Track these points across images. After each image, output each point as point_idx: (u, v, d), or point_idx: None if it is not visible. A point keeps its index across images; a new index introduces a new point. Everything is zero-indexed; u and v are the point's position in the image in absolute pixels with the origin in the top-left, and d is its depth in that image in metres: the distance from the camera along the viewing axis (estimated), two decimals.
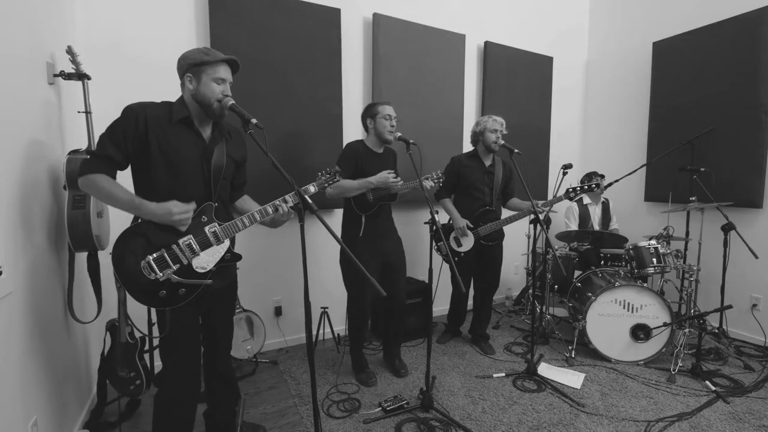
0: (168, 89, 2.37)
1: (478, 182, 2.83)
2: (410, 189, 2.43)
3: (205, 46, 2.58)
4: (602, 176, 3.59)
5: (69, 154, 1.78)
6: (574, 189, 2.54)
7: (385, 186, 2.31)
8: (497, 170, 2.86)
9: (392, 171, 2.33)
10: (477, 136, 2.83)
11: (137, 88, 2.40)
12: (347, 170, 2.33)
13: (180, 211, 1.40)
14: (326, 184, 1.87)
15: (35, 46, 1.69)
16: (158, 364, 2.58)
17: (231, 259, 1.58)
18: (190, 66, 1.46)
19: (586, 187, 2.54)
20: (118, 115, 1.44)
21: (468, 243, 2.79)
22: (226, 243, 1.55)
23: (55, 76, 1.84)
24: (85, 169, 1.38)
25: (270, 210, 1.57)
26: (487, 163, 2.86)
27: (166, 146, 1.43)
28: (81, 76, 1.87)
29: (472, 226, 2.78)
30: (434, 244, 2.74)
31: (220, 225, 1.52)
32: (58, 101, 1.95)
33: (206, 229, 1.49)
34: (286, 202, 1.59)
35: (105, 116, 2.17)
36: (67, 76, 1.85)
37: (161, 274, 1.39)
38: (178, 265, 1.43)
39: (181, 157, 1.46)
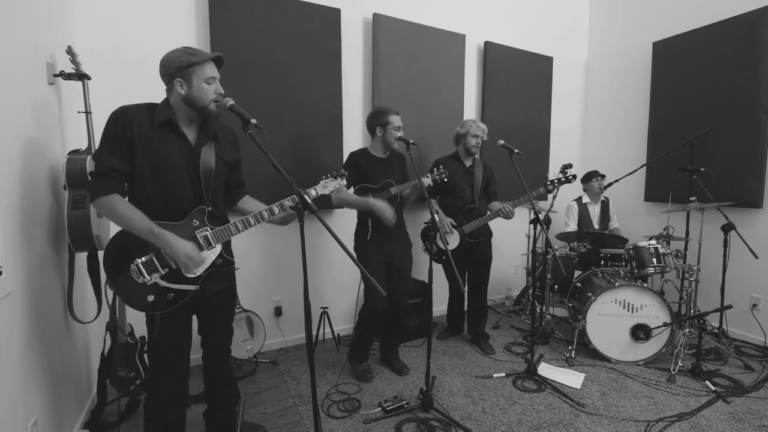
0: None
1: (460, 182, 2.92)
2: (411, 189, 2.48)
3: (203, 47, 2.59)
4: (603, 176, 3.59)
5: (69, 154, 1.78)
6: (552, 182, 2.60)
7: (380, 217, 2.30)
8: (477, 170, 2.96)
9: (393, 209, 2.34)
10: (459, 138, 2.95)
11: (137, 90, 2.40)
12: (349, 178, 2.40)
13: (196, 261, 1.40)
14: (331, 188, 1.79)
15: (35, 46, 1.69)
16: None
17: (223, 264, 1.53)
18: (178, 70, 1.40)
19: (563, 179, 2.60)
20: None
21: (453, 241, 2.85)
22: (218, 248, 1.51)
23: (55, 76, 1.84)
24: (95, 192, 1.35)
25: (266, 214, 1.54)
26: (468, 163, 2.96)
27: (151, 150, 1.39)
28: (81, 76, 1.87)
29: (455, 224, 2.84)
30: (422, 244, 2.87)
31: (212, 229, 1.48)
32: (58, 101, 1.95)
33: (197, 233, 1.46)
34: (283, 206, 1.55)
35: (105, 117, 2.19)
36: (67, 76, 1.85)
37: (149, 277, 1.38)
38: (167, 269, 1.41)
39: (165, 160, 1.41)
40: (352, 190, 2.53)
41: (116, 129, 1.37)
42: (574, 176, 2.60)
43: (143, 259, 1.38)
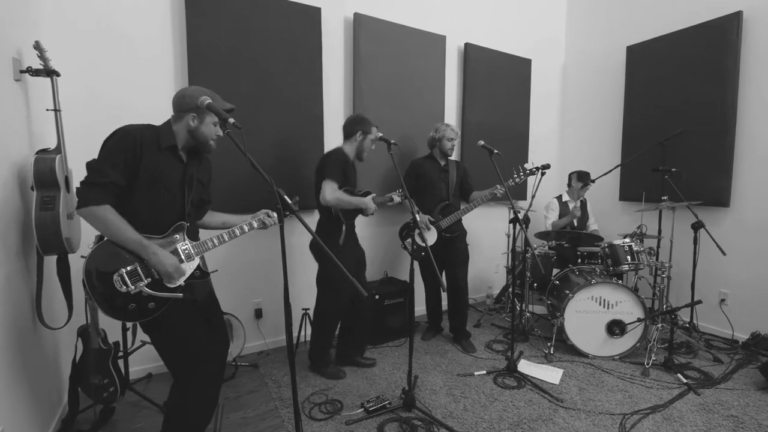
0: (141, 84, 2.32)
1: (435, 180, 3.03)
2: (382, 200, 2.60)
3: (179, 45, 2.54)
4: (593, 181, 3.61)
5: (37, 153, 1.71)
6: (518, 174, 2.78)
7: (366, 212, 2.50)
8: (451, 169, 3.07)
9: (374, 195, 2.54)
10: (434, 142, 3.06)
11: (110, 83, 2.33)
12: (337, 176, 2.45)
13: (180, 272, 1.50)
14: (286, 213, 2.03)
15: (0, 40, 1.62)
16: (134, 370, 2.51)
17: (200, 276, 1.64)
18: (196, 107, 1.54)
19: (529, 171, 2.79)
20: (88, 111, 1.40)
21: (431, 237, 2.92)
22: (197, 261, 1.62)
23: (22, 72, 1.76)
24: (88, 200, 1.38)
25: (237, 232, 1.69)
26: (442, 163, 3.08)
27: (155, 171, 1.49)
28: (49, 73, 1.80)
29: (433, 219, 2.93)
30: (401, 243, 2.98)
31: (191, 243, 1.59)
32: (25, 99, 1.87)
33: (179, 246, 1.55)
34: (251, 225, 1.73)
35: (75, 112, 2.11)
36: (35, 73, 1.78)
37: (133, 287, 1.41)
38: (150, 279, 1.46)
39: (166, 181, 1.53)
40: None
41: (126, 146, 1.43)
42: (538, 169, 2.79)
43: (128, 268, 1.42)
